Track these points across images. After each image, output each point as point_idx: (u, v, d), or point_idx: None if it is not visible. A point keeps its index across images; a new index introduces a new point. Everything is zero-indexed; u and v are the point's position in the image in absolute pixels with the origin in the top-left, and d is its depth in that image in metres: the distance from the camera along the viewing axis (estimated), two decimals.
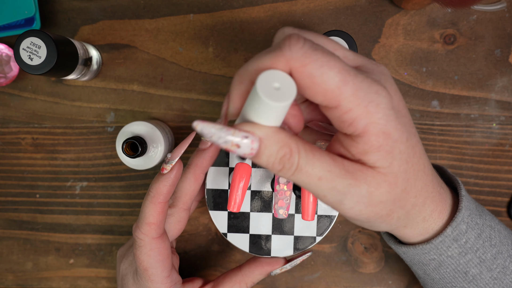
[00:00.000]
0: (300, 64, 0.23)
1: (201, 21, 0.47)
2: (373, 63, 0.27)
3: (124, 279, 0.38)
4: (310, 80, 0.23)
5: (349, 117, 0.24)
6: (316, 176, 0.25)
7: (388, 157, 0.25)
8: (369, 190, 0.25)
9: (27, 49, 0.39)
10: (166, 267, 0.35)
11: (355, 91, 0.23)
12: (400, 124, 0.25)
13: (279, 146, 0.24)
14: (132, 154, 0.42)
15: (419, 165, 0.27)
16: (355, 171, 0.25)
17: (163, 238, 0.35)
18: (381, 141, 0.25)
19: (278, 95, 0.22)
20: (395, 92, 0.27)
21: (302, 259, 0.39)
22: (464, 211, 0.30)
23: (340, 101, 0.24)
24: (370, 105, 0.24)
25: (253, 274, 0.38)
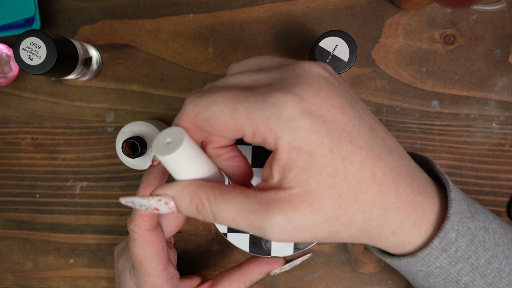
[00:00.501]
0: (194, 114, 0.24)
1: (201, 21, 0.47)
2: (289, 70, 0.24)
3: (121, 274, 0.38)
4: (208, 123, 0.24)
5: (258, 139, 0.23)
6: (230, 218, 0.24)
7: (302, 174, 0.23)
8: (287, 217, 0.23)
9: (27, 49, 0.39)
10: (161, 260, 0.35)
11: (248, 114, 0.22)
12: (317, 134, 0.22)
13: (189, 198, 0.25)
14: (132, 154, 0.42)
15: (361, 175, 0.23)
16: (268, 201, 0.23)
17: (157, 230, 0.35)
18: (293, 157, 0.22)
19: (167, 149, 0.24)
20: (317, 92, 0.23)
21: (302, 260, 0.39)
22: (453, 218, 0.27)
23: (241, 129, 0.23)
24: (270, 121, 0.22)
25: (252, 273, 0.38)
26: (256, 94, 0.23)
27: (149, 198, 0.26)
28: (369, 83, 0.47)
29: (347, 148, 0.23)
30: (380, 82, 0.47)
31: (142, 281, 0.36)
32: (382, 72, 0.47)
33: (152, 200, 0.26)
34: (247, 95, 0.23)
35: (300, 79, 0.23)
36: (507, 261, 0.29)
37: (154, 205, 0.26)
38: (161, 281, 0.36)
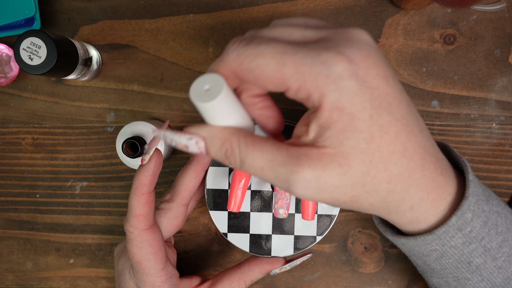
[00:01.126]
0: (237, 64, 0.24)
1: (201, 21, 0.47)
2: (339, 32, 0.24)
3: (121, 275, 0.38)
4: (251, 74, 0.24)
5: (302, 95, 0.23)
6: (258, 167, 0.25)
7: (339, 135, 0.23)
8: (315, 174, 0.23)
9: (27, 49, 0.39)
10: (159, 259, 0.35)
11: (296, 68, 0.23)
12: (361, 98, 0.22)
13: (221, 142, 0.25)
14: (132, 154, 0.42)
15: (394, 147, 0.24)
16: (299, 155, 0.23)
17: (153, 229, 0.35)
18: (334, 117, 0.23)
19: (206, 96, 0.24)
20: (365, 58, 0.23)
21: (302, 260, 0.39)
22: (470, 199, 0.28)
23: (286, 83, 0.23)
24: (318, 78, 0.22)
25: (252, 273, 0.38)
26: (306, 49, 0.23)
27: (181, 135, 0.26)
28: None
29: (385, 118, 0.23)
30: None
31: (141, 281, 0.36)
32: None
33: (183, 137, 0.26)
34: (296, 50, 0.23)
35: (351, 42, 0.23)
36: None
37: (185, 142, 0.26)
38: (160, 281, 0.36)
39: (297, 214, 0.39)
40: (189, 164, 0.38)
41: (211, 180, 0.39)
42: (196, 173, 0.37)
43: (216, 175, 0.39)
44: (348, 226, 0.48)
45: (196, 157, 0.38)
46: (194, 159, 0.38)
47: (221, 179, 0.39)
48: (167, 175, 0.49)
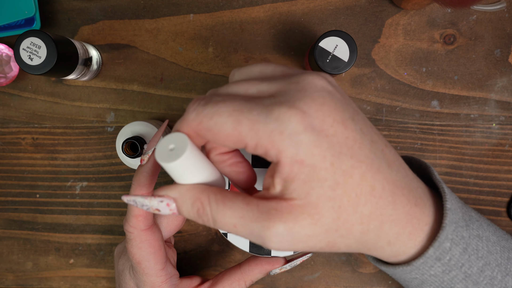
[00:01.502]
0: (196, 123, 0.24)
1: (201, 21, 0.47)
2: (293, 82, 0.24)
3: (121, 275, 0.38)
4: (210, 133, 0.24)
5: (260, 152, 0.23)
6: (231, 224, 0.25)
7: (304, 187, 0.23)
8: (287, 227, 0.23)
9: (27, 49, 0.39)
10: (159, 259, 0.35)
11: (251, 126, 0.23)
12: (319, 148, 0.23)
13: (191, 201, 0.25)
14: (132, 154, 0.42)
15: (360, 188, 0.24)
16: (269, 210, 0.24)
17: (153, 230, 0.35)
18: (295, 170, 0.23)
19: (171, 156, 0.24)
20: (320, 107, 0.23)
21: (302, 260, 0.39)
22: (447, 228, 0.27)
23: (243, 141, 0.23)
24: (273, 135, 0.23)
25: (252, 273, 0.38)
26: (260, 106, 0.23)
27: (151, 199, 0.26)
28: (369, 83, 0.47)
29: (348, 162, 0.23)
30: (380, 82, 0.47)
31: (141, 281, 0.36)
32: (382, 72, 0.47)
33: (154, 200, 0.26)
34: (251, 107, 0.23)
35: (304, 92, 0.23)
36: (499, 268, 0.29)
37: (156, 206, 0.26)
38: (160, 281, 0.36)
39: None
40: None
41: None
42: None
43: None
44: None
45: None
46: None
47: None
48: (167, 175, 0.49)
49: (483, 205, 0.47)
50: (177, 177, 0.26)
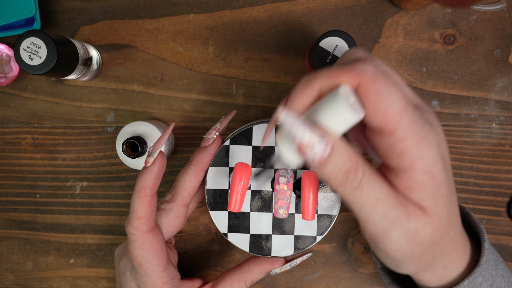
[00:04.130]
0: (371, 79, 0.24)
1: (201, 21, 0.47)
2: (426, 106, 0.28)
3: (122, 275, 0.38)
4: (376, 96, 0.24)
5: (400, 147, 0.24)
6: (374, 198, 0.25)
7: (433, 199, 0.25)
8: (416, 227, 0.25)
9: (27, 49, 0.39)
10: (161, 261, 0.35)
11: (412, 122, 0.24)
12: (445, 168, 0.26)
13: (347, 157, 0.24)
14: (132, 154, 0.42)
15: (455, 213, 0.28)
16: (408, 204, 0.25)
17: (155, 231, 0.35)
18: (426, 180, 0.25)
19: (353, 108, 0.24)
20: (443, 138, 0.27)
21: (302, 260, 0.39)
22: (483, 266, 0.31)
23: (396, 128, 0.24)
24: (423, 141, 0.24)
25: (252, 273, 0.38)
26: (419, 112, 0.25)
27: (315, 128, 0.23)
28: None
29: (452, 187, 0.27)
30: None
31: (142, 282, 0.36)
32: None
33: (315, 133, 0.23)
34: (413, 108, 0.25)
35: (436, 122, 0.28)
36: None
37: (314, 139, 0.23)
38: (161, 282, 0.36)
39: (297, 214, 0.39)
40: (189, 164, 0.38)
41: (211, 180, 0.39)
42: (196, 173, 0.37)
43: (216, 175, 0.39)
44: (348, 226, 0.48)
45: (195, 156, 0.38)
46: (194, 159, 0.38)
47: (221, 179, 0.39)
48: (167, 175, 0.49)
49: (483, 205, 0.47)
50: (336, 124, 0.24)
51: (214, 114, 0.48)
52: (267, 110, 0.47)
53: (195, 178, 0.37)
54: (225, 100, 0.47)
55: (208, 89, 0.47)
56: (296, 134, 0.23)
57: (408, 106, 0.24)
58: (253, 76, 0.47)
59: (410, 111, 0.24)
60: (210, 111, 0.48)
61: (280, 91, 0.47)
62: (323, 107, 0.24)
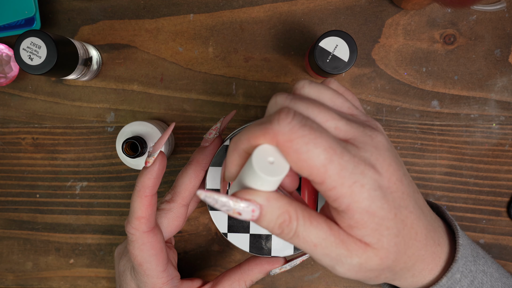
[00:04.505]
0: (287, 139, 0.24)
1: (201, 21, 0.47)
2: (367, 134, 0.27)
3: (122, 275, 0.38)
4: (296, 155, 0.24)
5: (333, 194, 0.25)
6: (311, 242, 0.26)
7: (375, 234, 0.26)
8: (360, 262, 0.26)
9: (27, 49, 0.39)
10: (160, 261, 0.35)
11: (340, 171, 0.24)
12: (387, 202, 0.26)
13: (279, 212, 0.25)
14: (132, 154, 0.42)
15: (410, 234, 0.28)
16: (349, 241, 0.26)
17: (155, 231, 0.35)
18: (365, 219, 0.25)
19: (272, 169, 0.24)
20: (388, 167, 0.26)
21: (302, 260, 0.39)
22: (459, 262, 0.31)
23: (324, 179, 0.24)
24: (354, 186, 0.24)
25: (252, 273, 0.38)
26: (348, 155, 0.25)
27: (237, 200, 0.25)
28: (369, 83, 0.47)
29: (404, 212, 0.27)
30: (380, 82, 0.47)
31: (142, 282, 0.36)
32: (382, 72, 0.47)
33: (239, 203, 0.25)
34: (342, 152, 0.24)
35: (378, 151, 0.27)
36: None
37: (239, 209, 0.25)
38: (161, 282, 0.36)
39: None
40: (189, 164, 0.38)
41: (211, 180, 0.39)
42: (196, 173, 0.37)
43: (216, 175, 0.39)
44: None
45: (195, 157, 0.38)
46: (194, 159, 0.38)
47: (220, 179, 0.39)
48: (167, 175, 0.49)
49: (483, 205, 0.47)
50: (261, 186, 0.25)
51: (214, 114, 0.48)
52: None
53: (195, 178, 0.38)
54: (225, 100, 0.47)
55: (208, 89, 0.47)
56: (221, 209, 0.25)
57: (334, 154, 0.24)
58: (253, 76, 0.47)
59: (336, 159, 0.24)
60: (210, 111, 0.48)
61: (280, 91, 0.47)
62: (245, 172, 0.25)
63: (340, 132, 0.26)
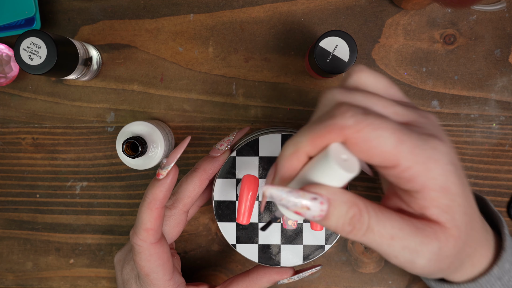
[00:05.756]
0: (355, 130, 0.23)
1: (201, 21, 0.47)
2: (422, 115, 0.27)
3: (126, 284, 0.38)
4: (366, 144, 0.23)
5: (407, 175, 0.24)
6: (388, 235, 0.24)
7: (449, 211, 0.25)
8: (439, 246, 0.25)
9: (27, 49, 0.39)
10: (167, 270, 0.35)
11: (412, 149, 0.24)
12: (458, 178, 0.25)
13: (348, 206, 0.24)
14: (132, 154, 0.42)
15: (474, 215, 0.27)
16: (424, 227, 0.25)
17: (162, 242, 0.35)
18: (439, 196, 0.25)
19: (347, 166, 0.24)
20: (451, 144, 0.26)
21: (311, 272, 0.38)
22: (508, 251, 0.31)
23: (398, 160, 0.24)
24: (429, 162, 0.24)
25: (260, 282, 0.38)
26: (416, 134, 0.24)
27: (303, 194, 0.23)
28: None
29: (467, 189, 0.27)
30: None
31: None
32: (382, 72, 0.47)
33: (306, 196, 0.23)
34: (410, 131, 0.24)
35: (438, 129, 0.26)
36: None
37: (307, 203, 0.24)
38: None
39: (305, 224, 0.39)
40: (195, 171, 0.37)
41: (218, 192, 0.39)
42: (201, 181, 0.37)
43: (223, 187, 0.39)
44: None
45: (202, 165, 0.37)
46: (200, 168, 0.37)
47: (228, 190, 0.39)
48: None
49: None
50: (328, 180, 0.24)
51: (214, 114, 0.48)
52: (267, 110, 0.47)
53: (199, 186, 0.37)
54: (225, 100, 0.47)
55: (208, 89, 0.47)
56: (287, 205, 0.23)
57: (403, 134, 0.24)
58: (253, 76, 0.47)
59: (407, 138, 0.24)
60: (210, 111, 0.48)
61: (280, 91, 0.47)
62: (316, 170, 0.24)
63: (399, 117, 0.26)
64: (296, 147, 0.25)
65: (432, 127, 0.26)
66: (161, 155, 0.44)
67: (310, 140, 0.24)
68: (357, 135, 0.23)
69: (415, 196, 0.25)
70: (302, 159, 0.25)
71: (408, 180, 0.24)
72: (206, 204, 0.48)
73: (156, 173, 0.39)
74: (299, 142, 0.25)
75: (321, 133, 0.24)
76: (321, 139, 0.24)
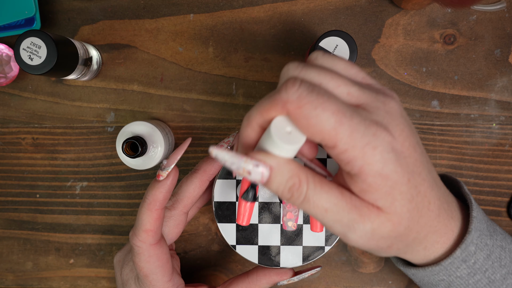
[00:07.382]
0: (295, 106, 0.24)
1: (201, 21, 0.47)
2: (379, 100, 0.26)
3: (126, 284, 0.38)
4: (306, 121, 0.24)
5: (345, 157, 0.25)
6: (322, 207, 0.26)
7: (388, 198, 0.26)
8: (372, 227, 0.26)
9: (27, 49, 0.39)
10: (166, 271, 0.35)
11: (351, 133, 0.24)
12: (401, 166, 0.26)
13: (288, 175, 0.25)
14: (132, 154, 0.42)
15: (423, 203, 0.27)
16: (361, 207, 0.26)
17: (161, 243, 0.35)
18: (378, 182, 0.25)
19: (290, 138, 0.25)
20: (401, 132, 0.26)
21: (310, 274, 0.38)
22: (473, 233, 0.31)
23: (336, 142, 0.24)
24: (367, 147, 0.24)
25: (260, 283, 0.38)
26: (359, 118, 0.25)
27: (247, 159, 0.25)
28: None
29: (417, 179, 0.27)
30: (380, 82, 0.47)
31: None
32: (382, 72, 0.47)
33: (249, 162, 0.25)
34: (352, 115, 0.24)
35: (391, 116, 0.26)
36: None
37: (249, 168, 0.25)
38: None
39: (305, 225, 0.39)
40: (195, 173, 0.37)
41: (218, 193, 0.39)
42: (202, 182, 0.37)
43: (223, 188, 0.39)
44: None
45: (202, 166, 0.37)
46: (201, 169, 0.37)
47: (229, 191, 0.39)
48: None
49: (483, 205, 0.47)
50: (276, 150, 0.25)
51: (214, 114, 0.48)
52: None
53: (200, 187, 0.37)
54: (225, 100, 0.47)
55: (208, 89, 0.47)
56: (231, 167, 0.25)
57: (343, 117, 0.24)
58: (253, 76, 0.47)
59: (347, 121, 0.24)
60: (210, 111, 0.48)
61: None
62: (265, 141, 0.26)
63: (352, 98, 0.26)
64: (248, 120, 0.27)
65: (384, 113, 0.26)
66: (161, 155, 0.44)
67: (259, 113, 0.26)
68: (298, 111, 0.24)
69: (355, 179, 0.26)
70: (256, 129, 0.27)
71: (347, 163, 0.25)
72: (206, 205, 0.48)
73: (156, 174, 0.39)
74: (251, 115, 0.26)
75: (267, 107, 0.25)
76: (267, 112, 0.25)
